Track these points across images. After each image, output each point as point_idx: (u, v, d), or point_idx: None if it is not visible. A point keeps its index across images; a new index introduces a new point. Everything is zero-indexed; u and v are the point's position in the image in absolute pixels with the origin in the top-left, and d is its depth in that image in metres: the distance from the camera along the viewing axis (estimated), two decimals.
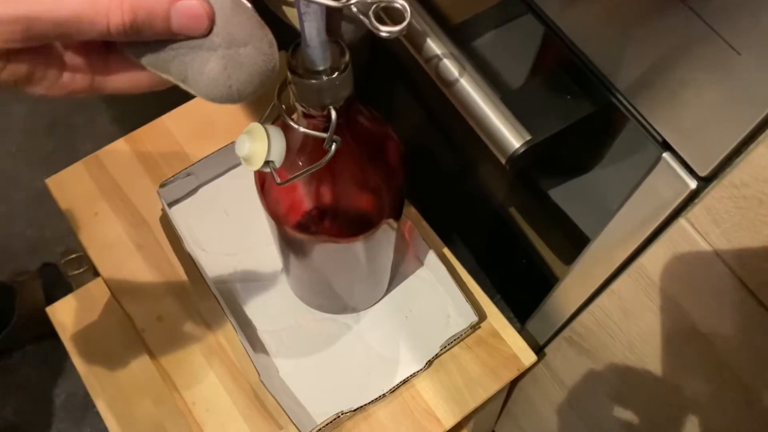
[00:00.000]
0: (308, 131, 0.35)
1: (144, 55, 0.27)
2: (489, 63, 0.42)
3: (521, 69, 0.41)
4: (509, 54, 0.42)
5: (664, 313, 0.42)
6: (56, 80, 0.27)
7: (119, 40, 0.26)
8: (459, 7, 0.46)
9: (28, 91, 0.27)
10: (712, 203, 0.33)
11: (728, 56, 0.28)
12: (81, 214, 0.61)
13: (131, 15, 0.25)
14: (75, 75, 0.27)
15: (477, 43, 0.43)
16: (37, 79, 0.26)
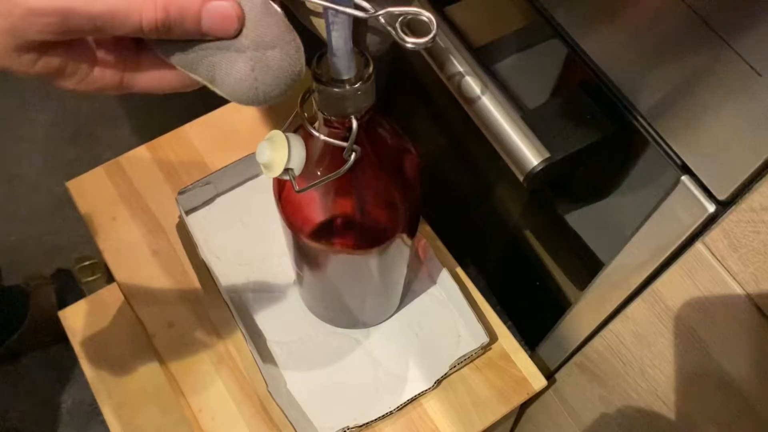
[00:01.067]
0: (329, 139, 0.35)
1: (174, 53, 0.28)
2: (510, 81, 0.43)
3: (542, 88, 0.42)
4: (531, 73, 0.43)
5: (678, 339, 0.41)
6: (87, 75, 0.28)
7: (150, 38, 0.27)
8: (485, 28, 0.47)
9: (58, 85, 0.28)
10: (730, 227, 0.33)
11: (750, 78, 0.28)
12: (100, 217, 0.61)
13: (164, 12, 0.26)
14: (105, 71, 0.28)
15: (499, 62, 0.44)
16: (68, 74, 0.27)
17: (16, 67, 0.26)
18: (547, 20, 0.38)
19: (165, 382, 0.59)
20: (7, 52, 0.25)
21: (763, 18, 0.26)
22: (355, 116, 0.34)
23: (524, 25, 0.44)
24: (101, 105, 1.30)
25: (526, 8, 0.40)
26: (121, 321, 0.77)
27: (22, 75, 0.26)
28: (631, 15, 0.33)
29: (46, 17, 0.24)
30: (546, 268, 0.61)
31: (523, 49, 0.46)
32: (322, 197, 0.42)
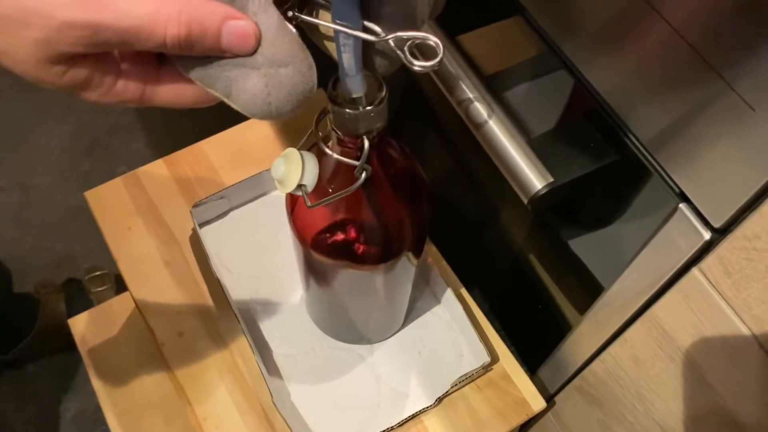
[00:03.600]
0: (341, 158, 0.37)
1: (193, 69, 0.29)
2: (518, 107, 0.44)
3: (548, 115, 0.43)
4: (538, 100, 0.45)
5: (674, 363, 0.42)
6: (111, 88, 0.29)
7: (172, 53, 0.28)
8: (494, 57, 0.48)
9: (83, 97, 0.29)
10: (724, 254, 0.34)
11: (744, 112, 0.30)
12: (115, 227, 0.63)
13: (187, 28, 0.27)
14: (128, 84, 0.29)
15: (507, 89, 0.46)
16: (93, 86, 0.28)
17: (46, 78, 0.27)
18: (555, 52, 0.40)
19: (170, 391, 0.61)
20: (40, 63, 0.27)
21: (756, 56, 0.28)
22: (367, 137, 0.36)
23: (533, 56, 0.45)
24: (117, 118, 1.33)
25: (535, 40, 0.41)
26: (129, 330, 0.79)
27: (50, 86, 0.28)
28: (634, 50, 0.35)
29: (78, 30, 0.25)
30: (548, 291, 0.63)
31: (531, 77, 0.48)
32: (332, 213, 0.43)
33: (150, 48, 0.27)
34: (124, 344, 0.77)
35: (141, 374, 0.74)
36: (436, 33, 0.47)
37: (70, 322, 0.83)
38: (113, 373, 0.77)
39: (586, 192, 0.43)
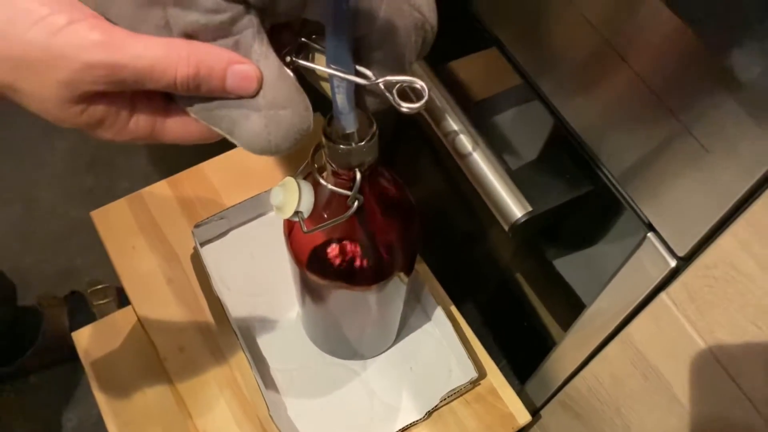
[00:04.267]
0: (335, 188, 0.40)
1: (199, 108, 0.32)
2: (500, 140, 0.47)
3: (529, 147, 0.46)
4: (519, 131, 0.48)
5: (647, 381, 0.45)
6: (124, 126, 0.31)
7: (181, 92, 0.31)
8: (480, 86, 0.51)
9: (98, 135, 0.32)
10: (688, 281, 0.37)
11: (700, 153, 0.32)
12: (120, 245, 0.66)
13: (195, 70, 0.30)
14: (140, 123, 0.32)
15: (490, 116, 0.49)
16: (108, 124, 0.31)
17: (66, 117, 0.30)
18: (533, 87, 0.43)
19: (171, 403, 0.63)
20: (61, 103, 0.29)
21: (708, 104, 0.31)
22: (359, 169, 0.39)
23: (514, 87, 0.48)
24: None
25: (514, 75, 0.44)
26: (131, 344, 0.81)
27: (68, 125, 0.30)
28: (603, 91, 0.38)
29: (99, 70, 0.28)
30: (534, 307, 0.65)
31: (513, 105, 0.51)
32: (327, 237, 0.46)
33: (161, 87, 0.30)
34: (127, 357, 0.79)
35: (143, 387, 0.76)
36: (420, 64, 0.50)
37: (74, 335, 0.85)
38: (115, 386, 0.79)
39: (566, 218, 0.46)
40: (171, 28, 0.29)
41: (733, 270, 0.33)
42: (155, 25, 0.29)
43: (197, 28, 0.29)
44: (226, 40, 0.31)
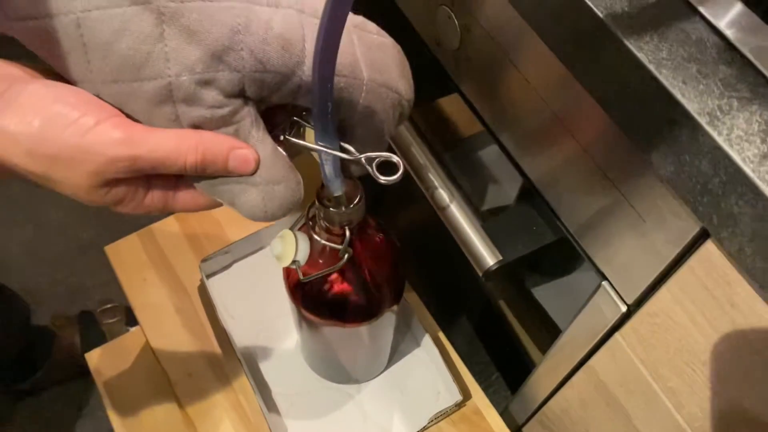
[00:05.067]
0: (328, 243, 0.45)
1: (205, 185, 0.37)
2: (475, 186, 0.53)
3: (500, 199, 0.52)
4: (493, 187, 0.53)
5: (609, 407, 0.50)
6: (141, 202, 0.36)
7: (190, 174, 0.36)
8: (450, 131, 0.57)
9: (119, 210, 0.37)
10: (636, 325, 0.43)
11: (638, 221, 0.38)
12: (132, 278, 0.71)
13: (202, 156, 0.35)
14: (154, 198, 0.37)
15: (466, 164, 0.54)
16: (128, 201, 0.36)
17: (93, 198, 0.35)
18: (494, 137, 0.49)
19: (180, 423, 0.68)
20: (90, 188, 0.34)
21: (640, 181, 0.36)
22: (348, 227, 0.44)
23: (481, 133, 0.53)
24: None
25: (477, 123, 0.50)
26: (142, 366, 0.86)
27: (94, 204, 0.36)
28: (553, 155, 0.43)
29: (121, 162, 0.33)
30: (515, 332, 0.71)
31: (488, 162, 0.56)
32: (321, 281, 0.51)
33: (174, 172, 0.35)
34: (138, 379, 0.85)
35: (153, 407, 0.81)
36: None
37: (87, 357, 0.90)
38: (127, 405, 0.84)
39: (532, 265, 0.51)
40: (180, 121, 0.35)
41: (670, 320, 0.39)
42: (167, 118, 0.34)
43: (203, 120, 0.35)
44: (228, 128, 0.36)
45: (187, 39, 0.33)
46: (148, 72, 0.33)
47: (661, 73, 0.29)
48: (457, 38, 0.47)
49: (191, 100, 0.34)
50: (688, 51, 0.30)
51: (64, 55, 0.33)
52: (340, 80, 0.36)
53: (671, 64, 0.29)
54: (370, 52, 0.38)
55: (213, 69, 0.33)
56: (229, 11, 0.33)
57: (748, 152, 0.27)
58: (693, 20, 0.31)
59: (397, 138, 0.51)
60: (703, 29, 0.30)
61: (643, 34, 0.30)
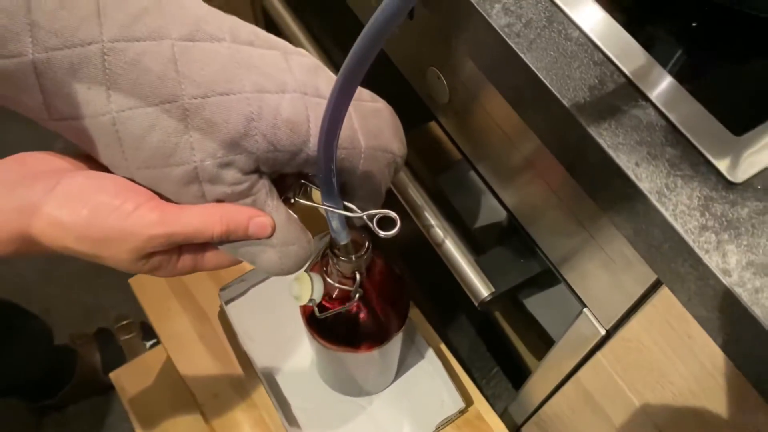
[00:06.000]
0: (340, 285, 0.51)
1: (229, 247, 0.42)
2: (468, 229, 0.59)
3: (491, 235, 0.58)
4: (484, 223, 0.59)
5: (596, 415, 0.57)
6: (174, 266, 0.41)
7: (216, 242, 0.42)
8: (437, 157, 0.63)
9: (155, 275, 0.42)
10: (614, 347, 0.49)
11: (609, 262, 0.44)
12: (157, 309, 0.77)
13: (226, 227, 0.40)
14: (185, 262, 0.42)
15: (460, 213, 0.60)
16: (162, 268, 0.41)
17: (133, 268, 0.40)
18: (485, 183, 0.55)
19: None
20: (132, 262, 0.39)
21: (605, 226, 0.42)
22: (358, 271, 0.50)
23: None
24: None
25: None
26: (166, 382, 0.92)
27: (134, 272, 0.42)
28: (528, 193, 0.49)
29: (158, 239, 0.38)
30: (511, 340, 0.77)
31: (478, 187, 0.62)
32: (335, 315, 0.57)
33: (202, 241, 0.41)
34: (162, 395, 0.91)
35: (179, 422, 0.88)
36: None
37: (111, 375, 0.96)
38: (153, 420, 0.90)
39: (523, 293, 0.57)
40: (206, 198, 0.40)
41: (642, 345, 0.45)
42: (194, 196, 0.40)
43: (225, 196, 0.40)
44: (246, 200, 0.41)
45: (209, 130, 0.37)
46: (176, 159, 0.38)
47: (618, 156, 0.35)
48: (447, 95, 0.53)
49: (214, 180, 0.39)
50: (641, 135, 0.36)
51: (102, 147, 0.38)
52: (342, 152, 0.42)
53: (626, 148, 0.35)
54: (366, 121, 0.43)
55: (232, 153, 0.38)
56: (243, 102, 0.38)
57: (689, 225, 0.33)
58: (644, 106, 0.37)
59: (395, 181, 0.57)
60: (653, 114, 0.36)
61: (602, 121, 0.36)
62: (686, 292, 0.35)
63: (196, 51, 0.37)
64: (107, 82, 0.36)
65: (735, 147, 0.35)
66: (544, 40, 0.38)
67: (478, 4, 0.39)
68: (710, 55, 0.41)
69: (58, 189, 0.37)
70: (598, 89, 0.37)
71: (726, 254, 0.32)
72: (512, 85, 0.40)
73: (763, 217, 0.33)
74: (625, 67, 0.37)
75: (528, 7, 0.39)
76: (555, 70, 0.37)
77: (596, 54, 0.38)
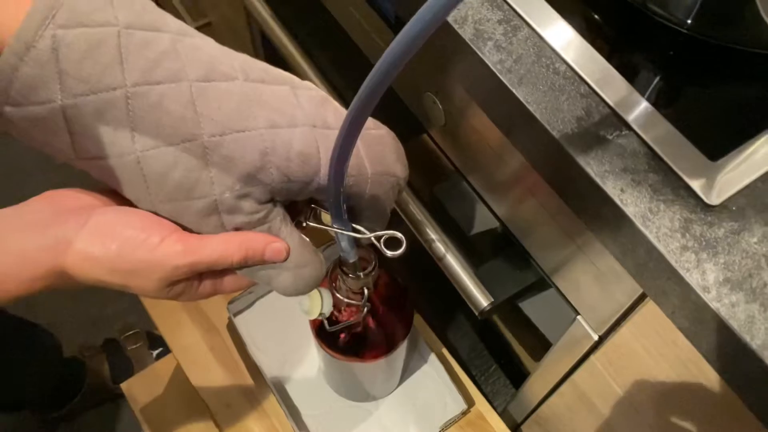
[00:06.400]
0: (349, 300, 0.54)
1: (246, 271, 0.45)
2: (465, 237, 0.62)
3: (488, 242, 0.61)
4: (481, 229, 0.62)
5: (591, 414, 0.60)
6: (196, 291, 0.44)
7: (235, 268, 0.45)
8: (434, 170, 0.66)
9: (178, 300, 0.45)
10: (606, 351, 0.52)
11: (596, 272, 0.47)
12: (168, 322, 0.80)
13: (245, 253, 0.43)
14: (206, 287, 0.44)
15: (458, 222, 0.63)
16: (185, 293, 0.44)
17: (159, 296, 0.43)
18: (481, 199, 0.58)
19: None
20: (158, 290, 0.42)
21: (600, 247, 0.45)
22: (366, 287, 0.53)
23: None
24: None
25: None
26: (177, 392, 0.95)
27: (158, 298, 0.44)
28: (518, 206, 0.52)
29: (182, 269, 0.41)
30: (509, 343, 0.81)
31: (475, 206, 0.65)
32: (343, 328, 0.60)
33: (222, 268, 0.44)
34: (174, 404, 0.94)
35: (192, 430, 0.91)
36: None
37: (122, 386, 0.99)
38: (166, 430, 0.93)
39: (521, 300, 0.60)
40: (225, 227, 0.43)
41: (632, 350, 0.48)
42: (214, 225, 0.42)
43: (243, 224, 0.43)
44: (263, 227, 0.44)
45: (227, 165, 0.40)
46: (197, 193, 0.41)
47: (605, 183, 0.38)
48: (443, 118, 0.56)
49: (233, 211, 0.42)
50: (625, 162, 0.39)
51: (126, 183, 0.41)
52: (349, 179, 0.45)
53: (612, 175, 0.38)
54: (370, 149, 0.46)
55: (249, 185, 0.41)
56: (258, 138, 0.40)
57: (671, 246, 0.36)
58: (627, 135, 0.40)
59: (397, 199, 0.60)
60: (635, 142, 0.39)
61: (589, 150, 0.39)
62: (670, 305, 0.38)
63: (212, 91, 0.40)
64: (131, 123, 0.38)
65: (711, 171, 0.38)
66: (534, 74, 0.41)
67: (471, 42, 0.42)
68: (687, 82, 0.44)
69: (88, 225, 0.40)
70: (584, 120, 0.40)
71: (705, 272, 0.36)
72: (505, 115, 0.43)
73: (738, 237, 0.37)
74: (609, 98, 0.41)
75: (518, 44, 0.42)
76: (544, 103, 0.40)
77: (582, 86, 0.41)
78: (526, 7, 0.44)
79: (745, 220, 0.37)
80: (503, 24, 0.43)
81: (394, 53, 0.28)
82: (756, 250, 0.36)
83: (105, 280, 0.40)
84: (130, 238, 0.40)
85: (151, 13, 0.38)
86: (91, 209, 0.41)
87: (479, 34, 0.43)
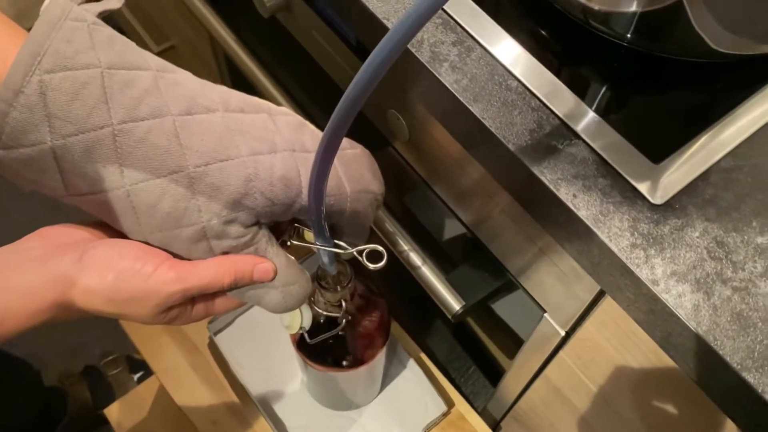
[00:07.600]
0: (328, 314, 0.56)
1: (236, 292, 0.48)
2: (436, 243, 0.64)
3: (458, 247, 0.64)
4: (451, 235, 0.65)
5: (565, 406, 0.63)
6: (189, 315, 0.46)
7: (225, 290, 0.47)
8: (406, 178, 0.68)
9: (172, 324, 0.47)
10: (573, 346, 0.55)
11: (558, 273, 0.50)
12: (149, 345, 0.81)
13: (235, 276, 0.45)
14: (198, 310, 0.47)
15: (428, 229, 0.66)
16: (178, 317, 0.46)
17: (153, 321, 0.44)
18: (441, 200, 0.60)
19: None
20: (153, 316, 0.44)
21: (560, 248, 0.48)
22: (343, 299, 0.55)
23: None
24: None
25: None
26: (161, 413, 0.96)
27: (152, 324, 0.46)
28: (480, 209, 0.55)
29: (176, 295, 0.43)
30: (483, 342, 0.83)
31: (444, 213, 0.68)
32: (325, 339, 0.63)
33: (213, 291, 0.46)
34: (159, 425, 0.95)
35: None
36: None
37: (105, 411, 1.00)
38: None
39: (493, 301, 0.63)
40: (213, 252, 0.45)
41: (596, 343, 0.51)
42: (203, 251, 0.45)
43: (230, 248, 0.45)
44: (249, 249, 0.46)
45: (214, 193, 0.42)
46: (186, 221, 0.42)
47: (559, 190, 0.41)
48: (407, 133, 0.59)
49: (221, 236, 0.44)
50: (576, 169, 0.42)
51: (117, 216, 0.42)
52: (330, 199, 0.47)
53: (564, 182, 0.41)
54: (348, 168, 0.48)
55: (235, 211, 0.43)
56: (241, 165, 0.42)
57: (622, 244, 0.39)
58: (577, 144, 0.43)
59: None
60: (584, 150, 0.43)
61: (542, 159, 0.42)
62: (625, 299, 0.41)
63: (195, 123, 0.42)
64: (119, 159, 0.40)
65: (655, 173, 0.42)
66: (488, 92, 0.44)
67: (428, 64, 0.45)
68: (630, 92, 0.47)
69: (85, 258, 0.41)
70: (536, 132, 0.43)
71: (653, 267, 0.39)
72: (463, 130, 0.46)
73: (682, 232, 0.40)
74: (558, 110, 0.44)
75: (472, 63, 0.45)
76: (499, 118, 0.43)
77: (533, 100, 0.44)
78: (478, 29, 0.47)
79: (687, 216, 0.40)
80: (457, 45, 0.46)
81: (361, 82, 0.30)
82: (698, 243, 0.39)
83: (103, 310, 0.42)
84: (125, 269, 0.41)
85: (131, 52, 0.40)
86: (85, 243, 0.43)
87: (435, 56, 0.45)
